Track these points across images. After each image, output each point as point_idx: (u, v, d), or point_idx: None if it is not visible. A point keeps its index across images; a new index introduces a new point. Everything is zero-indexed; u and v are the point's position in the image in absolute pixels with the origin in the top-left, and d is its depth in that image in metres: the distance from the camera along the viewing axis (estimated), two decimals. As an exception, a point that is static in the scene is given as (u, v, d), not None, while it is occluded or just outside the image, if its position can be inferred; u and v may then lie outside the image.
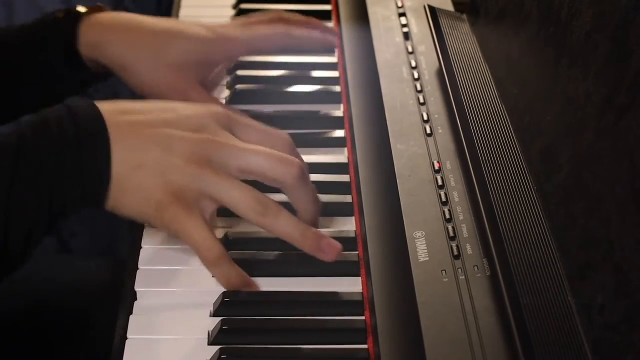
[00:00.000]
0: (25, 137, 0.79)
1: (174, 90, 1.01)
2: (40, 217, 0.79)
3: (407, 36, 1.11)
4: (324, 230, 0.90)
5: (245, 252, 0.87)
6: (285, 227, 0.83)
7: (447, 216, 0.85)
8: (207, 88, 1.05)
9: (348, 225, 0.91)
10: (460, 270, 0.79)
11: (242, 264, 0.84)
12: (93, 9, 1.04)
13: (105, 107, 0.82)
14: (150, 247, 0.88)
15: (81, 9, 1.04)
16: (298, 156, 0.88)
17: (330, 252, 0.84)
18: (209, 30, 1.04)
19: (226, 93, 1.11)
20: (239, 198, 0.82)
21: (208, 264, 0.83)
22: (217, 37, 1.03)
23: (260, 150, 0.84)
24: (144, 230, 0.89)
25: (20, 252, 0.79)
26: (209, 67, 1.05)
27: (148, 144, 0.81)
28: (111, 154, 0.80)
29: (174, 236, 0.84)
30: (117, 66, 1.02)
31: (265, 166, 0.83)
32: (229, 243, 0.88)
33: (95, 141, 0.80)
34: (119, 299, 0.84)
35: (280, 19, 1.09)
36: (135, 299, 0.83)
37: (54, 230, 0.84)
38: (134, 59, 1.02)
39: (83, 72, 1.04)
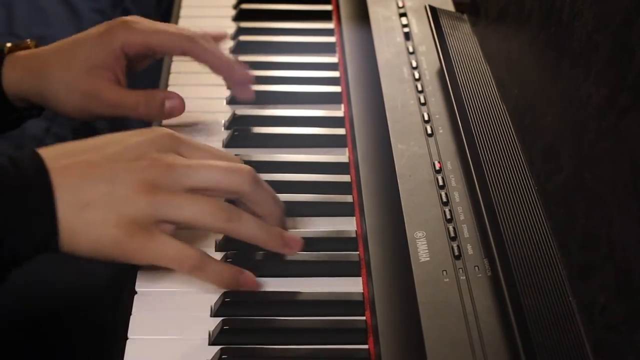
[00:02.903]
0: None
1: (90, 97, 1.01)
2: None
3: (407, 36, 1.11)
4: (323, 230, 0.90)
5: (245, 252, 0.87)
6: (251, 229, 0.82)
7: (448, 216, 0.85)
8: (124, 83, 1.03)
9: (348, 225, 0.91)
10: (460, 270, 0.79)
11: (242, 264, 0.84)
12: (17, 47, 1.04)
13: (48, 153, 0.81)
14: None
15: (7, 45, 1.04)
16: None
17: (295, 246, 0.84)
18: (107, 24, 1.02)
19: (227, 92, 1.11)
20: (199, 211, 0.81)
21: (194, 271, 0.81)
22: (109, 29, 1.01)
23: (209, 164, 0.82)
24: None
25: None
26: (116, 63, 1.02)
27: (93, 181, 0.80)
28: (55, 199, 0.79)
29: (143, 264, 0.82)
30: (36, 97, 1.03)
31: (217, 178, 0.82)
32: (228, 243, 0.88)
33: (38, 189, 0.79)
34: (119, 299, 0.84)
35: (203, 35, 1.05)
36: (136, 299, 0.83)
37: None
38: (45, 84, 1.02)
39: (12, 110, 1.04)
